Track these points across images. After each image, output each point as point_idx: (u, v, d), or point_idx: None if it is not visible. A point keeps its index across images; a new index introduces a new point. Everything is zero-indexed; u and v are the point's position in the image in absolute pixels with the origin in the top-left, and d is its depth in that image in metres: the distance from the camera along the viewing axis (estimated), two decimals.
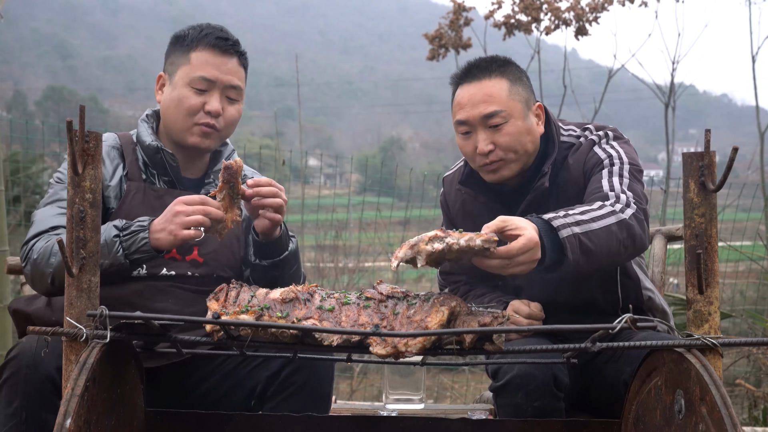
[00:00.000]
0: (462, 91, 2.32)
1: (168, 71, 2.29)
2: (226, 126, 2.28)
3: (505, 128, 2.26)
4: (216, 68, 2.23)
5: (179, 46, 2.28)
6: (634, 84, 10.00)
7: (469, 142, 2.31)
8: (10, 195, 6.52)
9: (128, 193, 2.19)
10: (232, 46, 2.28)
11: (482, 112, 2.26)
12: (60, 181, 2.21)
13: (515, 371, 2.17)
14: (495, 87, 2.28)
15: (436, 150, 56.09)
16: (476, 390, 5.90)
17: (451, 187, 2.55)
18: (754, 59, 7.92)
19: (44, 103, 48.89)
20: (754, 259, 6.01)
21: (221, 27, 2.33)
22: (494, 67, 2.31)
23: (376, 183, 7.96)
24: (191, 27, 2.32)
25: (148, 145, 2.24)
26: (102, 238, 1.95)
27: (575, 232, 1.96)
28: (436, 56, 7.39)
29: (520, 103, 2.29)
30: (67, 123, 1.48)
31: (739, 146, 1.54)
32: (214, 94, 2.23)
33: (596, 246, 1.99)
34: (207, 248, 2.23)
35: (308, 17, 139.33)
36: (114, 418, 1.62)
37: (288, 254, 2.22)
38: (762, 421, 4.27)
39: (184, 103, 2.22)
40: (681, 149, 6.74)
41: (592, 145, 2.34)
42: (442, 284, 2.61)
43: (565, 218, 1.98)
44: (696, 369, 1.50)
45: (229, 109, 2.27)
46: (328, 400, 2.14)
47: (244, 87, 2.33)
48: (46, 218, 2.12)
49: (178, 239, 1.97)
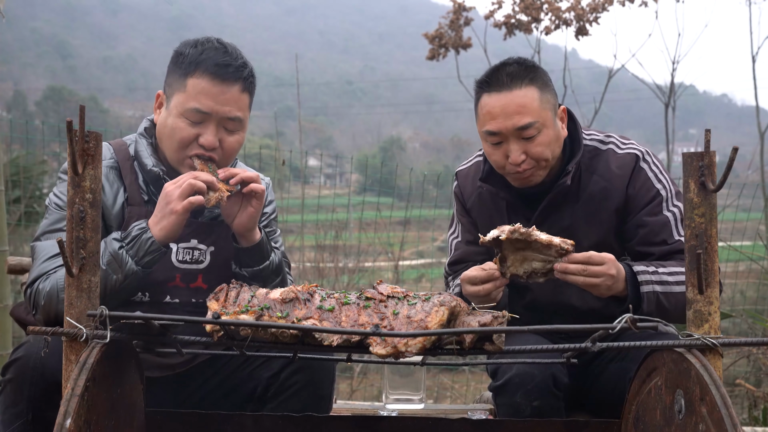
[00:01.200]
0: (492, 99, 2.25)
1: (166, 92, 2.15)
2: (225, 157, 2.14)
3: (538, 138, 2.23)
4: (212, 99, 2.06)
5: (178, 67, 2.11)
6: (634, 84, 10.00)
7: (500, 151, 2.28)
8: (10, 195, 6.53)
9: (129, 220, 2.09)
10: (234, 72, 2.08)
11: (516, 124, 2.22)
12: (58, 207, 2.09)
13: (514, 371, 2.18)
14: (527, 97, 2.22)
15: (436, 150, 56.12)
16: (476, 390, 5.90)
17: (466, 180, 2.55)
18: (754, 59, 7.92)
19: (44, 103, 48.92)
20: (754, 259, 6.01)
21: (225, 47, 2.12)
22: (524, 75, 2.24)
23: (376, 183, 7.96)
24: (193, 44, 2.12)
25: (149, 170, 2.13)
26: (107, 254, 1.94)
27: (656, 290, 2.15)
28: (436, 56, 7.39)
29: (551, 111, 2.27)
30: (67, 123, 1.48)
31: (739, 146, 1.54)
32: (210, 126, 2.08)
33: (671, 306, 2.15)
34: (211, 275, 2.17)
35: (308, 17, 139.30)
36: (114, 418, 1.62)
37: (269, 264, 2.13)
38: (762, 421, 4.27)
39: (176, 134, 2.09)
40: (681, 149, 6.75)
41: (636, 159, 2.34)
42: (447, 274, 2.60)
43: (652, 275, 2.16)
44: (696, 369, 1.50)
45: (228, 139, 2.12)
46: (329, 401, 2.14)
47: (248, 115, 2.16)
48: (47, 257, 2.01)
49: (181, 213, 1.94)
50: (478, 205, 2.49)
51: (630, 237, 2.33)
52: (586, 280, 2.06)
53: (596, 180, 2.35)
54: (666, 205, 2.32)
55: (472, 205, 2.51)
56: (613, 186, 2.33)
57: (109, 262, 1.95)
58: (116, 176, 2.14)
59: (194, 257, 2.16)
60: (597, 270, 2.06)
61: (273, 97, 70.76)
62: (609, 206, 2.33)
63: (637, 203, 2.32)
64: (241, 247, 2.11)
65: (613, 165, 2.35)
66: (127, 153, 2.18)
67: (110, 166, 2.14)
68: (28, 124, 7.35)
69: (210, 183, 1.99)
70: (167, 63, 2.19)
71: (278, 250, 2.22)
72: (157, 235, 1.96)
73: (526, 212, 2.40)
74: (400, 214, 7.23)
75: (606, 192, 2.34)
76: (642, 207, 2.32)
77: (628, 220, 2.33)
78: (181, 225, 1.98)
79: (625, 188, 2.33)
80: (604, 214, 2.34)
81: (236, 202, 2.07)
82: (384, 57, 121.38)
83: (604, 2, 7.06)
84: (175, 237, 2.01)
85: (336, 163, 8.03)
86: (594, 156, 2.38)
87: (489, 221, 2.45)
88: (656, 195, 2.32)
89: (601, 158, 2.37)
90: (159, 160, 2.16)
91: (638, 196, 2.32)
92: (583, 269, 2.05)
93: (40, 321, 1.97)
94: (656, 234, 2.29)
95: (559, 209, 2.37)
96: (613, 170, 2.34)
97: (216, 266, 2.17)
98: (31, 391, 1.85)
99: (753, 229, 6.73)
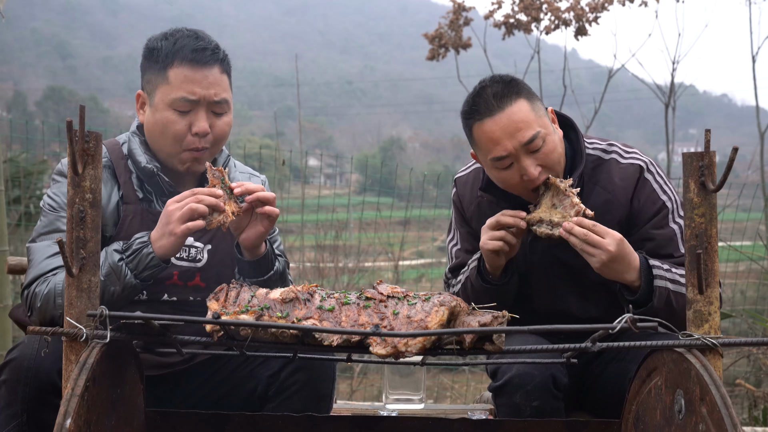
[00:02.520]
0: (488, 125, 2.19)
1: (146, 90, 2.13)
2: (215, 142, 2.13)
3: (546, 147, 2.19)
4: (197, 84, 2.06)
5: (154, 62, 2.10)
6: (634, 84, 10.00)
7: (512, 173, 2.22)
8: (10, 195, 6.53)
9: (125, 219, 2.09)
10: (212, 55, 2.09)
11: (521, 141, 2.17)
12: (53, 209, 2.08)
13: (514, 371, 2.17)
14: (522, 111, 2.18)
15: (436, 150, 56.11)
16: (476, 390, 5.90)
17: (465, 188, 2.50)
18: (754, 59, 7.91)
19: (44, 103, 48.95)
20: (754, 259, 6.01)
21: (195, 33, 2.13)
22: (509, 91, 2.20)
23: (376, 183, 7.96)
24: (163, 37, 2.13)
25: (143, 167, 2.12)
26: (106, 265, 1.93)
27: (668, 287, 2.16)
28: (436, 56, 7.39)
29: (545, 117, 2.24)
30: (67, 123, 1.48)
31: (739, 146, 1.54)
32: (200, 113, 2.08)
33: (679, 308, 2.12)
34: (209, 273, 2.16)
35: (308, 17, 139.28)
36: (114, 418, 1.62)
37: (273, 274, 2.11)
38: (762, 421, 4.27)
39: (169, 129, 2.07)
40: (681, 149, 6.74)
41: (640, 171, 2.31)
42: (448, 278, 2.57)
43: (666, 272, 2.17)
44: (696, 369, 1.50)
45: (218, 123, 2.12)
46: (329, 401, 2.14)
47: (231, 95, 2.16)
48: (44, 258, 2.01)
49: (179, 236, 1.91)
50: (478, 214, 2.44)
51: (635, 249, 2.30)
52: (584, 246, 2.10)
53: (599, 192, 2.32)
54: (672, 217, 2.30)
55: (472, 215, 2.47)
56: (617, 199, 2.30)
57: (108, 274, 1.92)
58: (110, 175, 2.13)
59: (192, 255, 2.15)
60: (597, 240, 2.08)
61: (273, 97, 70.76)
62: (611, 219, 2.28)
63: (642, 216, 2.29)
64: (245, 259, 2.09)
65: (616, 177, 2.31)
66: (121, 152, 2.17)
67: (104, 165, 2.12)
68: (28, 124, 7.35)
69: (213, 206, 1.93)
70: None
71: (282, 258, 2.20)
72: (157, 252, 1.94)
73: None
74: (400, 214, 7.23)
75: (609, 205, 2.30)
76: (647, 220, 2.29)
77: (633, 232, 2.29)
78: (180, 246, 1.95)
79: (629, 201, 2.29)
80: (606, 226, 2.31)
81: (246, 217, 2.02)
82: (384, 57, 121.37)
83: (603, 2, 7.06)
84: (176, 253, 1.98)
85: (336, 163, 8.03)
86: (596, 166, 2.34)
87: None
88: (662, 207, 2.29)
89: (603, 168, 2.33)
90: (152, 157, 2.15)
91: (643, 208, 2.29)
92: (584, 234, 2.09)
93: (36, 323, 1.95)
94: (662, 247, 2.27)
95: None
96: (616, 182, 2.31)
97: (214, 264, 2.16)
98: (25, 392, 1.85)
99: (753, 229, 6.73)
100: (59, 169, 2.15)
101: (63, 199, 2.06)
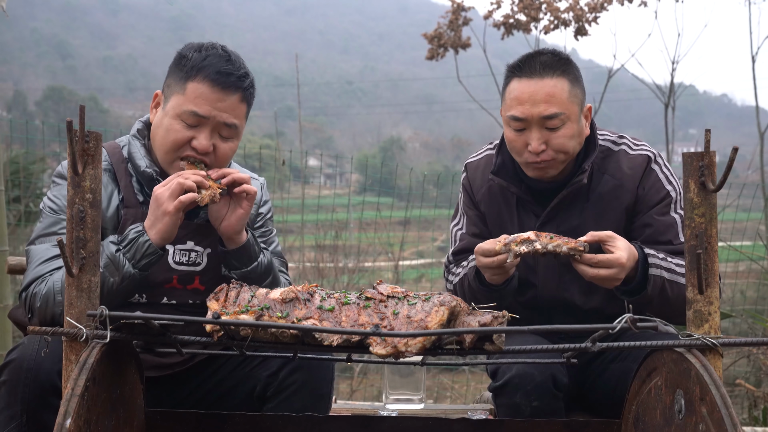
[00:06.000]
0: (521, 85, 2.26)
1: (164, 92, 2.14)
2: (217, 164, 2.12)
3: (561, 131, 2.25)
4: (210, 104, 2.06)
5: (180, 69, 2.10)
6: (634, 84, 10.00)
7: (521, 138, 2.28)
8: (10, 195, 6.52)
9: (126, 222, 2.09)
10: (236, 81, 2.08)
11: (542, 113, 2.23)
12: (53, 211, 2.08)
13: (514, 371, 2.18)
14: (557, 87, 2.24)
15: (436, 150, 56.13)
16: (476, 390, 5.90)
17: (476, 172, 2.53)
18: (754, 59, 7.91)
19: (44, 103, 48.96)
20: (754, 259, 6.01)
21: (228, 55, 2.11)
22: (557, 65, 2.26)
23: (376, 183, 7.96)
24: (197, 48, 2.12)
25: (143, 171, 2.12)
26: (104, 257, 1.94)
27: (663, 276, 2.16)
28: (436, 56, 7.39)
29: (577, 105, 2.28)
30: (67, 123, 1.48)
31: (739, 146, 1.54)
32: (204, 131, 2.08)
33: (674, 296, 2.16)
34: (208, 276, 2.16)
35: (308, 17, 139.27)
36: (114, 418, 1.62)
37: (257, 265, 2.12)
38: (762, 421, 4.27)
39: (170, 135, 2.08)
40: (681, 149, 6.74)
41: (648, 160, 2.35)
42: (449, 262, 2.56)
43: (662, 261, 2.18)
44: (696, 369, 1.50)
45: (222, 146, 2.11)
46: (329, 400, 2.14)
47: (243, 124, 2.15)
48: (43, 260, 2.01)
49: (173, 213, 1.95)
50: (488, 198, 2.48)
51: (636, 236, 2.33)
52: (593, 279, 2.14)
53: (607, 180, 2.36)
54: (674, 206, 2.32)
55: (482, 198, 2.50)
56: (624, 185, 2.34)
57: (106, 264, 1.94)
58: (111, 178, 2.13)
59: (191, 259, 2.15)
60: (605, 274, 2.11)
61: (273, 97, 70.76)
62: (619, 205, 2.34)
63: (646, 203, 2.33)
64: (227, 250, 2.11)
65: (625, 165, 2.35)
66: (121, 155, 2.17)
67: (104, 168, 2.12)
68: (28, 124, 7.34)
69: (199, 182, 1.99)
70: (167, 63, 2.18)
71: (267, 251, 2.21)
72: (153, 238, 1.96)
73: (535, 208, 2.40)
74: (400, 214, 7.23)
75: (617, 191, 2.34)
76: (651, 207, 2.32)
77: (636, 219, 2.34)
78: (176, 225, 1.98)
79: (635, 188, 2.33)
80: (613, 213, 2.34)
81: (224, 205, 2.07)
82: (384, 57, 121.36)
83: (603, 2, 7.06)
84: (172, 238, 2.00)
85: (336, 163, 8.02)
86: (606, 156, 2.38)
87: (498, 215, 2.46)
88: (666, 196, 2.32)
89: (612, 158, 2.38)
90: (152, 161, 2.16)
91: (648, 195, 2.33)
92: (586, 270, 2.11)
93: (36, 324, 1.94)
94: (662, 234, 2.29)
95: (569, 208, 2.37)
96: (625, 170, 2.35)
97: (213, 268, 2.16)
98: (25, 392, 1.84)
99: (753, 229, 6.73)
100: (59, 172, 2.15)
101: (63, 202, 2.06)
